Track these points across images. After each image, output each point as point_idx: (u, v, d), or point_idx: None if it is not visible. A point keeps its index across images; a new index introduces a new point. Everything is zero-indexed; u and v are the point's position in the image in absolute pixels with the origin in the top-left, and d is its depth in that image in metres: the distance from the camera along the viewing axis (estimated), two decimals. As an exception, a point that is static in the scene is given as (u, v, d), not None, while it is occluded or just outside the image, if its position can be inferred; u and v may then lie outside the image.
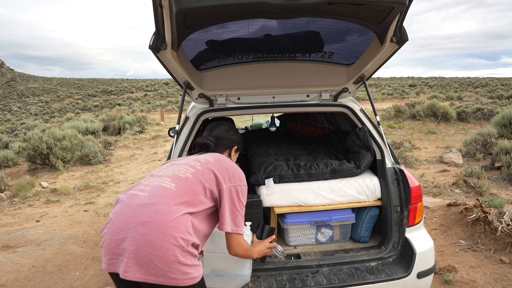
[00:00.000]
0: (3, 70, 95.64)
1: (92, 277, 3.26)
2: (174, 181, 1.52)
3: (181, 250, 1.36)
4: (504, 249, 3.30)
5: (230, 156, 1.94)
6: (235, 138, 1.97)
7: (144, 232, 1.36)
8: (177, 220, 1.40)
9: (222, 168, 1.63)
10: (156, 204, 1.42)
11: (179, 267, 1.35)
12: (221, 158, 1.72)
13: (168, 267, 1.34)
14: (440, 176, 6.09)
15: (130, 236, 1.37)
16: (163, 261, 1.33)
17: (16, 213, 5.43)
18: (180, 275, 1.35)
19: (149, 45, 1.89)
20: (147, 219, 1.38)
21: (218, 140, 1.90)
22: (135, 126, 13.89)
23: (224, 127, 1.97)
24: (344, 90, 2.67)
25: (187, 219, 1.44)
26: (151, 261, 1.33)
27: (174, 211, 1.42)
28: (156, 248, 1.33)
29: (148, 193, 1.48)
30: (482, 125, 11.82)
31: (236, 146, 1.96)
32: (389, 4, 1.65)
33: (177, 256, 1.35)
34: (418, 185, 2.33)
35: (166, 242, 1.34)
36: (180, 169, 1.59)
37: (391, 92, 36.91)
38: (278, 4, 1.53)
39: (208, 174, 1.59)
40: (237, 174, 1.66)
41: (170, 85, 60.54)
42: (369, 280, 2.06)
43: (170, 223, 1.38)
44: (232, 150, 1.95)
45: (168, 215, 1.39)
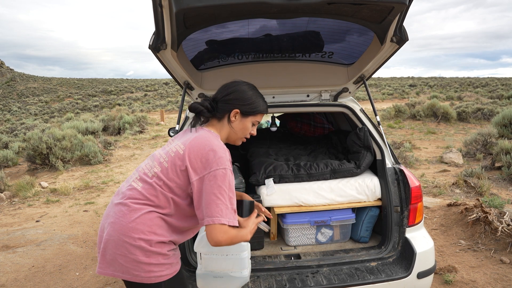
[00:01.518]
0: (3, 70, 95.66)
1: (92, 277, 3.26)
2: (141, 181, 1.46)
3: (141, 250, 1.37)
4: (505, 249, 3.29)
5: (229, 123, 1.55)
6: (236, 98, 1.53)
7: (109, 232, 1.40)
8: (137, 221, 1.38)
9: (193, 158, 1.40)
10: (121, 205, 1.43)
11: (142, 266, 1.37)
12: (195, 144, 1.42)
13: (131, 265, 1.37)
14: (440, 176, 6.08)
15: (103, 235, 1.43)
16: (125, 259, 1.37)
17: (16, 213, 5.43)
18: (144, 273, 1.38)
19: (149, 45, 1.89)
20: (113, 219, 1.41)
21: (217, 104, 1.55)
22: (135, 126, 13.89)
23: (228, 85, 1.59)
24: (344, 90, 2.67)
25: (151, 218, 1.40)
26: (116, 259, 1.38)
27: (135, 210, 1.40)
28: (118, 247, 1.37)
29: (122, 192, 1.48)
30: (482, 125, 11.82)
31: (236, 109, 1.53)
32: (389, 4, 1.64)
33: (137, 256, 1.37)
34: (418, 185, 2.33)
35: (125, 243, 1.37)
36: (150, 167, 1.48)
37: (391, 92, 36.92)
38: (278, 4, 1.53)
39: (174, 171, 1.41)
40: (213, 159, 1.38)
41: (170, 85, 60.54)
42: (369, 280, 2.06)
43: (129, 224, 1.38)
44: (231, 114, 1.54)
45: (128, 216, 1.39)
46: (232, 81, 1.60)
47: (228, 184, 1.37)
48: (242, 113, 1.54)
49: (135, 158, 9.32)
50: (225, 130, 1.57)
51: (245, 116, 1.56)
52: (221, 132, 1.57)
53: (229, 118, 1.54)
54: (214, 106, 1.54)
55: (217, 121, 1.56)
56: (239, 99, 1.53)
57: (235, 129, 1.57)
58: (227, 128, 1.56)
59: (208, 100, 1.55)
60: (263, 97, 1.63)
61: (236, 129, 1.57)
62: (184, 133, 1.58)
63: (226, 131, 1.57)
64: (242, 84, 1.58)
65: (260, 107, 1.58)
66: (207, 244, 2.03)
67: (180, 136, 1.56)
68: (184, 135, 1.55)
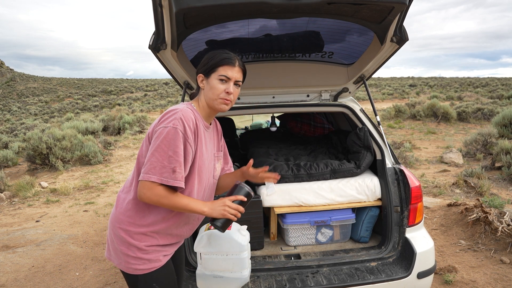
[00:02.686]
0: (3, 70, 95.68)
1: (92, 277, 3.26)
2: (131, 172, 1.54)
3: (121, 241, 1.45)
4: (505, 249, 3.29)
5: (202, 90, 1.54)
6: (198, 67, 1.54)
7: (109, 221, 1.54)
8: (121, 211, 1.46)
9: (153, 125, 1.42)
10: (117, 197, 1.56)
11: (122, 256, 1.46)
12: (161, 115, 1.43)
13: (115, 253, 1.48)
14: (440, 176, 6.08)
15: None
16: (112, 246, 1.49)
17: (16, 213, 5.43)
18: (124, 263, 1.46)
19: (149, 45, 1.89)
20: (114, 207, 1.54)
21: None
22: (135, 126, 13.89)
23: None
24: (344, 90, 2.67)
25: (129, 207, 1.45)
26: (109, 245, 1.53)
27: (121, 200, 1.50)
28: (109, 234, 1.50)
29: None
30: (482, 125, 11.82)
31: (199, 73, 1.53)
32: (389, 4, 1.64)
33: (119, 245, 1.45)
34: (418, 185, 2.33)
35: (112, 231, 1.48)
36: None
37: (391, 92, 36.92)
38: (278, 4, 1.53)
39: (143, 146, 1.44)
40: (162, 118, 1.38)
41: (170, 85, 60.54)
42: (369, 280, 2.06)
43: (115, 213, 1.49)
44: (198, 82, 1.54)
45: (117, 206, 1.50)
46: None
47: (167, 142, 1.32)
48: (205, 74, 1.51)
49: (135, 158, 9.31)
50: (201, 99, 1.55)
51: (207, 76, 1.50)
52: (199, 102, 1.55)
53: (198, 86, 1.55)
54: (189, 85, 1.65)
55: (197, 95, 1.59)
56: (200, 65, 1.53)
57: (206, 92, 1.52)
58: (202, 97, 1.55)
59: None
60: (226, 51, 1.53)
61: (206, 91, 1.52)
62: None
63: (202, 100, 1.54)
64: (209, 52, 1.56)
65: (216, 59, 1.49)
66: (207, 244, 2.03)
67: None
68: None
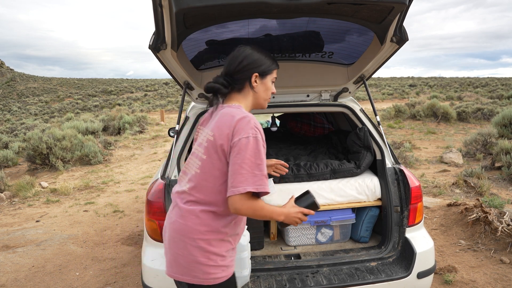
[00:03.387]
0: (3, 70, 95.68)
1: (92, 277, 3.26)
2: (189, 181, 1.45)
3: (200, 251, 1.38)
4: (504, 249, 3.29)
5: (253, 89, 1.52)
6: (249, 63, 1.48)
7: (170, 233, 1.44)
8: (194, 221, 1.39)
9: (224, 135, 1.37)
10: (178, 206, 1.46)
11: (201, 268, 1.38)
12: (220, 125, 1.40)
13: (190, 266, 1.39)
14: (440, 176, 6.08)
15: (166, 237, 1.48)
16: (185, 259, 1.39)
17: (16, 213, 5.43)
18: (202, 275, 1.38)
19: (149, 45, 1.88)
20: (174, 219, 1.45)
21: (232, 78, 1.50)
22: (135, 126, 13.89)
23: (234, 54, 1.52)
24: (344, 90, 2.67)
25: (206, 216, 1.40)
26: (177, 260, 1.41)
27: (190, 212, 1.41)
28: (180, 248, 1.40)
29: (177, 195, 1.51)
30: (482, 125, 11.82)
31: (255, 72, 1.49)
32: (389, 4, 1.65)
33: (196, 257, 1.38)
34: (418, 185, 2.33)
35: (186, 244, 1.39)
36: (194, 165, 1.46)
37: (391, 92, 36.92)
38: (278, 4, 1.53)
39: (213, 158, 1.40)
40: (241, 127, 1.35)
41: (170, 85, 60.54)
42: (369, 280, 2.06)
43: (188, 223, 1.40)
44: (252, 80, 1.50)
45: (186, 217, 1.41)
46: (235, 49, 1.54)
47: (253, 151, 1.33)
48: (261, 75, 1.51)
49: (135, 158, 9.32)
50: (250, 97, 1.54)
51: (263, 76, 1.53)
52: (245, 101, 1.54)
53: (251, 84, 1.51)
54: (229, 80, 1.50)
55: (237, 93, 1.53)
56: (253, 63, 1.49)
57: (259, 93, 1.54)
58: (251, 95, 1.54)
59: (220, 76, 1.52)
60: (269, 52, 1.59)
61: (260, 92, 1.54)
62: (209, 117, 1.56)
63: (251, 98, 1.55)
64: (247, 48, 1.53)
65: (274, 63, 1.56)
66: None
67: (206, 122, 1.56)
68: (210, 120, 1.53)
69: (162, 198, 2.15)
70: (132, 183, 6.81)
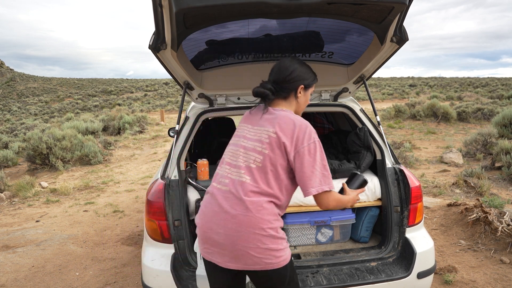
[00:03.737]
0: (3, 70, 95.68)
1: (92, 277, 3.26)
2: (248, 174, 1.52)
3: (271, 239, 1.46)
4: (505, 249, 3.29)
5: (296, 99, 1.66)
6: (296, 76, 1.62)
7: (235, 228, 1.46)
8: (262, 212, 1.47)
9: (287, 136, 1.51)
10: (240, 199, 1.49)
11: (272, 253, 1.47)
12: (283, 125, 1.53)
13: (263, 255, 1.45)
14: (440, 176, 6.09)
15: (222, 231, 1.48)
16: (258, 251, 1.45)
17: (16, 213, 5.43)
18: (275, 259, 1.47)
19: (149, 45, 1.88)
20: (235, 213, 1.47)
21: (279, 86, 1.63)
22: (135, 126, 13.89)
23: (284, 64, 1.65)
24: (344, 90, 2.67)
25: (270, 206, 1.50)
26: (247, 253, 1.45)
27: (256, 203, 1.48)
28: (250, 241, 1.45)
29: (229, 187, 1.53)
30: (482, 125, 11.82)
31: (301, 84, 1.64)
32: (389, 4, 1.64)
33: (268, 244, 1.46)
34: (418, 185, 2.33)
35: (256, 235, 1.45)
36: (250, 158, 1.54)
37: (391, 92, 36.93)
38: (278, 4, 1.53)
39: (276, 154, 1.51)
40: (304, 135, 1.50)
41: (170, 85, 60.54)
42: (369, 280, 2.06)
43: (256, 214, 1.46)
44: (298, 90, 1.64)
45: (252, 209, 1.46)
46: (284, 60, 1.68)
47: (320, 154, 1.51)
48: (305, 87, 1.66)
49: (135, 158, 9.32)
50: (292, 105, 1.68)
51: (307, 89, 1.68)
52: (290, 108, 1.68)
53: (296, 94, 1.65)
54: (277, 87, 1.63)
55: (282, 100, 1.66)
56: (300, 76, 1.64)
57: (300, 103, 1.69)
58: (294, 104, 1.68)
59: (268, 83, 1.65)
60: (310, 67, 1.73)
61: (301, 103, 1.70)
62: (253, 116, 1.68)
63: (293, 107, 1.69)
64: (296, 60, 1.67)
65: (315, 77, 1.72)
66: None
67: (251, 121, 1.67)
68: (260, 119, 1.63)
69: (162, 198, 2.15)
70: (132, 183, 6.81)
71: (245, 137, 1.62)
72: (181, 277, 2.07)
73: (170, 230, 2.14)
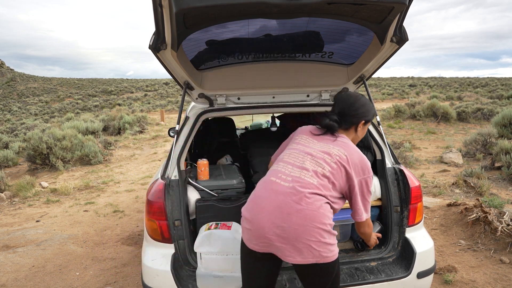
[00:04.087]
0: (3, 70, 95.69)
1: (92, 277, 3.26)
2: (315, 177, 1.64)
3: (329, 234, 1.59)
4: (504, 249, 3.30)
5: (356, 132, 1.83)
6: (361, 112, 1.80)
7: (300, 222, 1.55)
8: (324, 208, 1.60)
9: (354, 163, 1.69)
10: (305, 197, 1.58)
11: (329, 247, 1.58)
12: (352, 151, 1.71)
13: (322, 248, 1.56)
14: (440, 176, 6.09)
15: (286, 225, 1.55)
16: (318, 244, 1.55)
17: (16, 213, 5.43)
18: (330, 253, 1.58)
19: (149, 45, 1.89)
20: (300, 209, 1.56)
21: (343, 118, 1.80)
22: (135, 126, 13.89)
23: (350, 100, 1.82)
24: (344, 90, 2.67)
25: (327, 206, 1.64)
26: (309, 246, 1.55)
27: (319, 200, 1.60)
28: (313, 234, 1.55)
29: (293, 184, 1.62)
30: (482, 125, 11.82)
31: (363, 120, 1.81)
32: (389, 4, 1.65)
33: (326, 239, 1.57)
34: (418, 185, 2.33)
35: (319, 229, 1.56)
36: (319, 165, 1.67)
37: (391, 92, 36.93)
38: (278, 4, 1.53)
39: (341, 173, 1.68)
40: (366, 166, 1.72)
41: (170, 85, 60.54)
42: (369, 280, 2.06)
43: (318, 210, 1.57)
44: (359, 125, 1.82)
45: (314, 205, 1.58)
46: (350, 95, 1.86)
47: (369, 188, 1.74)
48: (365, 122, 1.84)
49: (135, 158, 9.32)
50: (351, 136, 1.85)
51: (366, 124, 1.85)
52: (349, 137, 1.84)
53: (356, 128, 1.83)
54: (341, 119, 1.80)
55: (343, 130, 1.83)
56: (364, 112, 1.81)
57: (358, 136, 1.86)
58: (353, 136, 1.85)
59: (334, 115, 1.80)
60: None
61: (360, 136, 1.87)
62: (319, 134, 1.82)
63: (351, 137, 1.85)
64: (361, 97, 1.85)
65: (375, 113, 1.94)
66: (208, 244, 2.04)
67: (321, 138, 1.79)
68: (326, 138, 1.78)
69: (162, 198, 2.15)
70: (132, 183, 6.81)
71: (311, 147, 1.76)
72: (181, 277, 2.07)
73: (170, 230, 2.14)
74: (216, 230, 2.07)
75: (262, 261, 1.69)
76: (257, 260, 1.69)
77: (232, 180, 2.54)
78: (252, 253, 1.67)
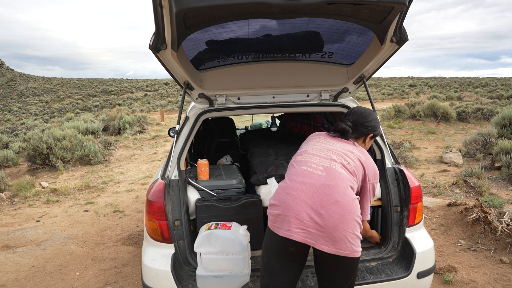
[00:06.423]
0: (3, 70, 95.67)
1: (92, 277, 3.26)
2: (344, 169, 1.72)
3: (360, 228, 1.64)
4: (504, 249, 3.30)
5: (364, 143, 1.97)
6: (372, 125, 1.95)
7: (339, 211, 1.59)
8: (356, 201, 1.66)
9: (369, 167, 1.81)
10: (340, 186, 1.64)
11: (358, 242, 1.63)
12: (367, 156, 1.83)
13: (354, 241, 1.60)
14: (440, 176, 6.09)
15: (325, 213, 1.58)
16: (352, 236, 1.59)
17: (16, 213, 5.43)
18: (358, 247, 1.63)
19: (149, 45, 1.89)
20: (339, 199, 1.61)
21: (356, 127, 1.93)
22: (135, 126, 13.89)
23: (365, 112, 1.97)
24: (344, 90, 2.67)
25: (357, 199, 1.70)
26: (345, 237, 1.58)
27: (351, 193, 1.66)
28: (350, 226, 1.59)
29: (327, 173, 1.68)
30: (482, 125, 11.82)
31: (372, 133, 1.96)
32: (389, 4, 1.65)
33: (357, 233, 1.62)
34: (418, 185, 2.33)
35: (354, 221, 1.61)
36: (345, 159, 1.76)
37: (391, 92, 36.93)
38: (278, 4, 1.53)
39: (361, 171, 1.78)
40: (377, 173, 1.87)
41: (170, 85, 60.53)
42: (369, 280, 2.06)
43: (353, 202, 1.63)
44: (368, 137, 1.96)
45: (350, 197, 1.64)
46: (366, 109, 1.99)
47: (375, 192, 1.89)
48: (373, 136, 1.98)
49: (135, 158, 9.32)
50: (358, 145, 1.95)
51: (372, 138, 2.00)
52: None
53: (365, 139, 1.96)
54: (354, 128, 1.92)
55: (354, 139, 1.94)
56: (374, 127, 1.95)
57: (366, 147, 1.98)
58: (360, 145, 1.95)
59: (349, 121, 1.92)
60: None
61: (366, 147, 1.99)
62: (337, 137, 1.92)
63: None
64: (374, 113, 2.00)
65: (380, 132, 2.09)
66: (208, 244, 2.04)
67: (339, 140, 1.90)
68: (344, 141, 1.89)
69: (162, 198, 2.15)
70: (132, 183, 6.81)
71: (332, 144, 1.85)
72: (181, 277, 2.08)
73: (170, 230, 2.14)
74: (216, 230, 2.07)
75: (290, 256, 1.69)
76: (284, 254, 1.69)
77: (232, 180, 2.55)
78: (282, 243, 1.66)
